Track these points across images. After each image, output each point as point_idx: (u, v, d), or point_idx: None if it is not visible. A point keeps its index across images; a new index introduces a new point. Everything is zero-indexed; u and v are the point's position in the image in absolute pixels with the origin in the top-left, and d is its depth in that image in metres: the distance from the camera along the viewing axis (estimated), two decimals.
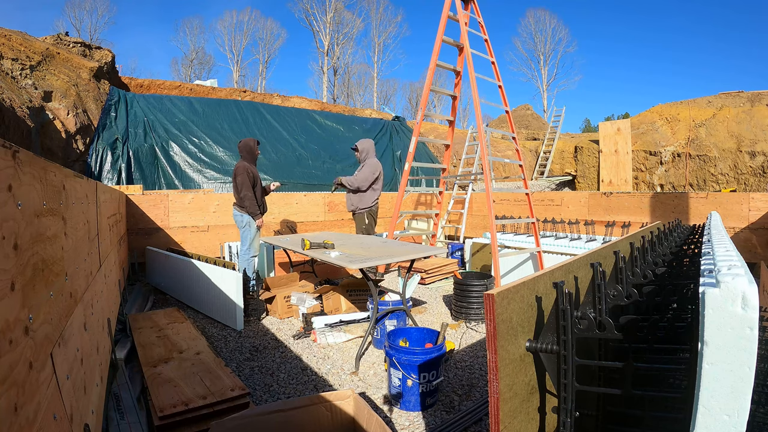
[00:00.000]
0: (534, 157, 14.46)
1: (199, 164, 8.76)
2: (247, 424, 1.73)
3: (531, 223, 5.13)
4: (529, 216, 5.14)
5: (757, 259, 4.74)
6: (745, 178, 10.53)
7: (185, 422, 2.03)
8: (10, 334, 0.79)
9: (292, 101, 16.86)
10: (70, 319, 1.37)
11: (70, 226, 1.51)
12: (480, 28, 5.24)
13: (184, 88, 15.56)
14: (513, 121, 5.60)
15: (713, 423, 0.81)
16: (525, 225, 6.27)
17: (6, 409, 0.74)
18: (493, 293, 1.05)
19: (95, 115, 8.55)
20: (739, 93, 11.93)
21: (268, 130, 10.31)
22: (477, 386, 2.63)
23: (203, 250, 5.72)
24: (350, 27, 35.15)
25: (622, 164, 11.97)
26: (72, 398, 1.25)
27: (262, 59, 36.22)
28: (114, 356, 2.70)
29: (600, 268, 1.34)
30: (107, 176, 7.83)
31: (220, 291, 3.81)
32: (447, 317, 4.09)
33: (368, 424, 1.77)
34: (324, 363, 2.99)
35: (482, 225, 7.20)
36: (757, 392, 1.50)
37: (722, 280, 0.80)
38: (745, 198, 5.03)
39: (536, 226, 5.07)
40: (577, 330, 1.15)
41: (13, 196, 0.87)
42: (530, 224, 5.33)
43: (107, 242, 2.90)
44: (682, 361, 1.33)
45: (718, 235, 1.82)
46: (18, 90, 7.04)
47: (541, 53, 36.05)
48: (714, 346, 0.80)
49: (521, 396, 1.18)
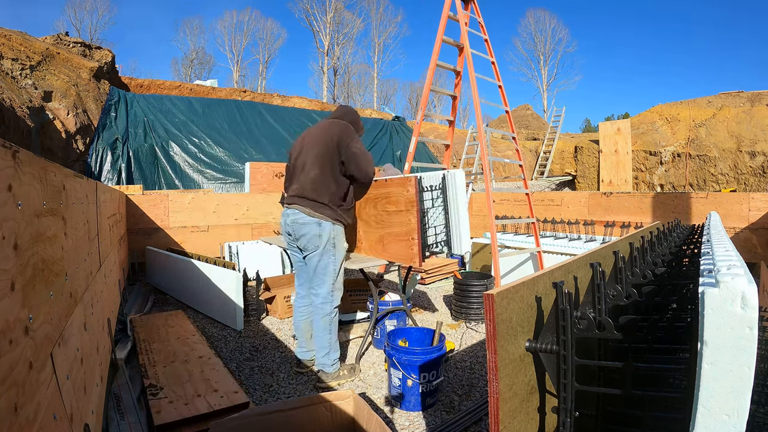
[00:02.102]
0: (534, 157, 14.46)
1: (199, 164, 8.76)
2: (247, 424, 1.74)
3: (531, 223, 5.13)
4: (529, 216, 5.14)
5: (757, 259, 4.74)
6: (745, 178, 10.53)
7: (185, 422, 2.03)
8: (10, 334, 0.79)
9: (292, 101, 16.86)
10: (70, 319, 1.37)
11: (70, 226, 1.51)
12: (480, 28, 5.24)
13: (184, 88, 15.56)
14: (513, 121, 5.60)
15: (713, 423, 0.81)
16: (525, 225, 6.27)
17: (6, 409, 0.74)
18: (492, 293, 1.05)
19: (95, 115, 8.56)
20: (739, 93, 11.93)
21: (268, 130, 10.31)
22: (477, 386, 2.63)
23: (203, 250, 5.72)
24: (350, 27, 35.22)
25: (622, 164, 11.97)
26: (72, 398, 1.26)
27: (262, 59, 36.27)
28: (114, 356, 2.70)
29: (600, 268, 1.34)
30: (107, 176, 7.84)
31: (220, 291, 3.81)
32: (447, 317, 4.09)
33: (368, 424, 1.77)
34: None
35: (482, 225, 7.20)
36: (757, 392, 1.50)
37: (722, 279, 0.80)
38: (745, 198, 5.03)
39: (536, 226, 5.07)
40: (576, 330, 1.15)
41: (13, 196, 0.87)
42: (530, 224, 5.33)
43: (107, 242, 2.90)
44: (682, 361, 1.33)
45: (718, 235, 1.82)
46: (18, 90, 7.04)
47: (541, 53, 36.09)
48: (713, 346, 0.81)
49: (521, 396, 1.18)
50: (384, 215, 2.95)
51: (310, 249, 2.65)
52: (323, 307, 2.67)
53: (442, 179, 3.02)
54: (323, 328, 2.66)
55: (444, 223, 3.02)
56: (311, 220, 2.62)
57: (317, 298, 2.68)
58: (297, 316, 2.90)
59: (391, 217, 2.88)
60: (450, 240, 3.02)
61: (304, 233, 2.64)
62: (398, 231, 2.84)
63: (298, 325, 2.89)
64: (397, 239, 2.86)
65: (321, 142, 2.67)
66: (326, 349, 2.67)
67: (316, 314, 2.69)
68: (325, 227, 2.63)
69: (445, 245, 3.03)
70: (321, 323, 2.67)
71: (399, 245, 2.85)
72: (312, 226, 2.63)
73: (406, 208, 2.76)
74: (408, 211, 2.74)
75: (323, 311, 2.67)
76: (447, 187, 3.04)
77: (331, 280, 2.67)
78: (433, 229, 2.97)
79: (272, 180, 7.49)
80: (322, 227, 2.63)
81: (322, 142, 2.67)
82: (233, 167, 8.93)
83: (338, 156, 2.65)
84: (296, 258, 2.85)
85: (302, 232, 2.65)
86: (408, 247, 2.77)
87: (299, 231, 2.66)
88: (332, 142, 2.64)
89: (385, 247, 2.97)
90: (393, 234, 2.89)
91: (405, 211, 2.77)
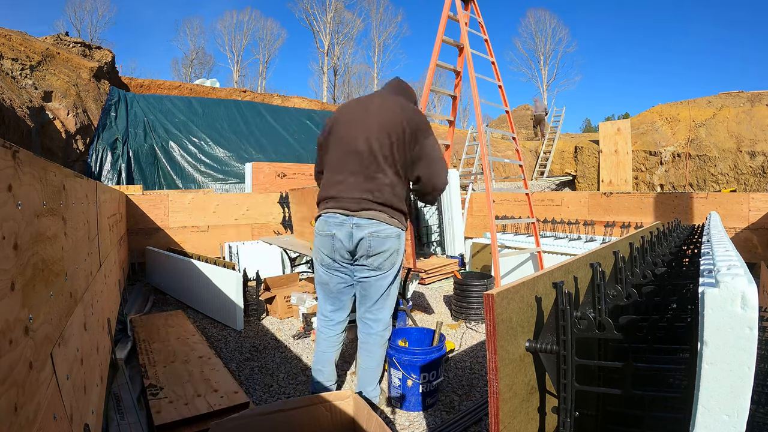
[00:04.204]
0: (534, 157, 14.46)
1: (199, 164, 8.76)
2: (247, 424, 1.73)
3: (531, 223, 5.13)
4: (529, 216, 5.14)
5: (757, 259, 4.74)
6: (745, 178, 10.53)
7: (185, 422, 2.03)
8: (10, 334, 0.79)
9: (292, 101, 16.86)
10: (70, 319, 1.37)
11: (70, 226, 1.51)
12: (480, 28, 5.24)
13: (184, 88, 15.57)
14: (513, 121, 5.60)
15: (713, 423, 0.81)
16: (525, 225, 6.27)
17: (6, 409, 0.74)
18: (492, 293, 1.05)
19: (95, 115, 8.56)
20: (739, 93, 11.93)
21: (268, 130, 10.32)
22: (477, 386, 2.63)
23: (203, 250, 5.72)
24: (350, 27, 35.20)
25: (622, 164, 11.97)
26: (72, 398, 1.26)
27: (262, 59, 36.26)
28: (114, 356, 2.70)
29: (600, 268, 1.35)
30: (107, 176, 7.84)
31: (220, 291, 3.81)
32: (447, 317, 4.09)
33: (368, 424, 1.77)
34: None
35: (482, 225, 7.20)
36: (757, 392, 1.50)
37: (722, 279, 0.81)
38: (745, 198, 5.03)
39: (536, 226, 5.07)
40: (576, 330, 1.15)
41: (13, 196, 0.87)
42: (530, 224, 5.33)
43: (107, 242, 2.90)
44: (682, 361, 1.33)
45: (718, 235, 1.82)
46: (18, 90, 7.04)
47: (541, 53, 36.07)
48: (713, 346, 0.81)
49: (521, 396, 1.18)
50: None
51: (386, 268, 2.07)
52: (384, 334, 2.20)
53: None
54: (380, 357, 2.23)
55: (438, 224, 3.01)
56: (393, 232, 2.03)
57: (378, 324, 2.18)
58: (327, 346, 2.27)
59: None
60: (444, 241, 3.01)
61: (385, 249, 2.03)
62: None
63: (327, 357, 2.27)
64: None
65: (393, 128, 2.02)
66: (377, 380, 2.26)
67: (374, 343, 2.19)
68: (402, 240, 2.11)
69: (438, 246, 3.02)
70: (380, 352, 2.22)
71: None
72: (394, 241, 2.04)
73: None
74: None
75: (383, 338, 2.20)
76: None
77: (393, 302, 2.23)
78: (426, 229, 2.95)
79: (274, 180, 7.49)
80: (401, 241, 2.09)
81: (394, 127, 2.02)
82: (233, 167, 8.93)
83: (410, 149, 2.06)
84: (339, 279, 2.16)
85: (382, 248, 2.03)
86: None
87: (378, 247, 2.02)
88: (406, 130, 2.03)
89: None
90: None
91: None
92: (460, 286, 3.98)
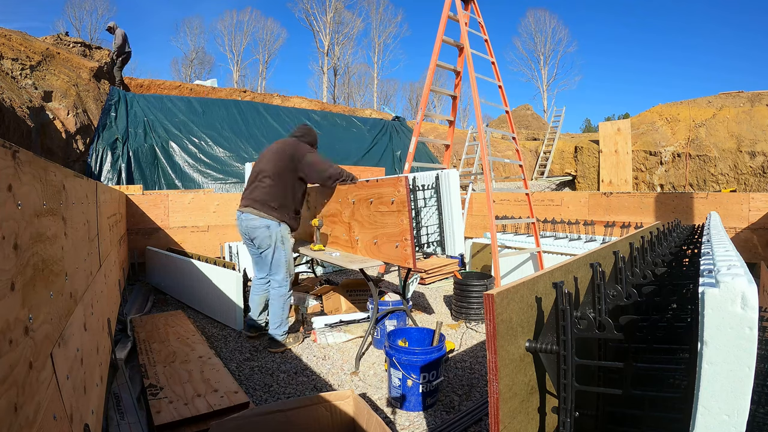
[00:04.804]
0: (534, 157, 14.46)
1: (199, 164, 8.75)
2: (246, 424, 1.74)
3: (531, 224, 5.13)
4: (529, 216, 5.14)
5: (757, 259, 4.74)
6: (745, 178, 10.53)
7: (185, 422, 2.03)
8: (10, 334, 0.79)
9: (292, 101, 16.85)
10: (70, 319, 1.37)
11: (70, 226, 1.51)
12: (480, 28, 5.24)
13: (184, 88, 15.56)
14: (513, 121, 5.60)
15: (713, 423, 0.81)
16: (525, 225, 6.27)
17: (6, 409, 0.74)
18: (492, 293, 1.05)
19: (95, 115, 8.56)
20: (739, 93, 11.93)
21: (268, 130, 10.30)
22: (477, 386, 2.63)
23: (203, 250, 5.72)
24: (350, 27, 35.19)
25: (622, 164, 11.97)
26: (72, 398, 1.26)
27: (262, 59, 36.26)
28: (114, 356, 2.70)
29: (600, 268, 1.34)
30: (107, 176, 7.83)
31: (220, 291, 3.81)
32: (447, 317, 4.09)
33: (368, 425, 1.77)
34: (324, 363, 2.99)
35: (482, 225, 7.20)
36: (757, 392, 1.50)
37: (722, 280, 0.81)
38: (745, 198, 5.03)
39: (536, 226, 5.07)
40: (576, 330, 1.15)
41: (13, 196, 0.87)
42: (530, 224, 5.33)
43: (107, 242, 2.90)
44: (682, 361, 1.33)
45: (718, 235, 1.82)
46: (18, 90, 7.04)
47: (541, 53, 36.08)
48: (713, 346, 0.81)
49: (521, 396, 1.18)
50: (377, 215, 2.94)
51: (264, 246, 3.19)
52: (280, 290, 3.21)
53: (435, 179, 3.00)
54: (279, 306, 3.21)
55: (437, 223, 3.02)
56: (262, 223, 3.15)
57: (275, 282, 3.22)
58: (254, 291, 3.45)
59: (384, 218, 2.87)
60: (443, 240, 3.02)
61: (257, 235, 3.18)
62: (391, 232, 2.82)
63: (253, 299, 3.44)
64: (390, 240, 2.84)
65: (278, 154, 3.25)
66: (279, 322, 3.22)
67: (274, 294, 3.23)
68: (274, 228, 3.17)
69: (438, 246, 3.03)
70: (278, 302, 3.21)
71: (392, 246, 2.84)
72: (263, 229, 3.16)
73: (397, 208, 2.74)
74: (400, 212, 2.72)
75: (280, 293, 3.21)
76: (440, 186, 3.02)
77: (283, 268, 3.21)
78: (425, 228, 2.96)
79: None
80: (272, 228, 3.16)
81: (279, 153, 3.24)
82: (233, 167, 8.93)
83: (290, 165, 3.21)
84: (252, 252, 3.37)
85: (255, 234, 3.18)
86: (401, 248, 2.76)
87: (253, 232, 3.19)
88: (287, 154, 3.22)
89: (380, 248, 2.96)
90: (386, 234, 2.87)
91: (397, 212, 2.75)
92: (460, 286, 3.98)
